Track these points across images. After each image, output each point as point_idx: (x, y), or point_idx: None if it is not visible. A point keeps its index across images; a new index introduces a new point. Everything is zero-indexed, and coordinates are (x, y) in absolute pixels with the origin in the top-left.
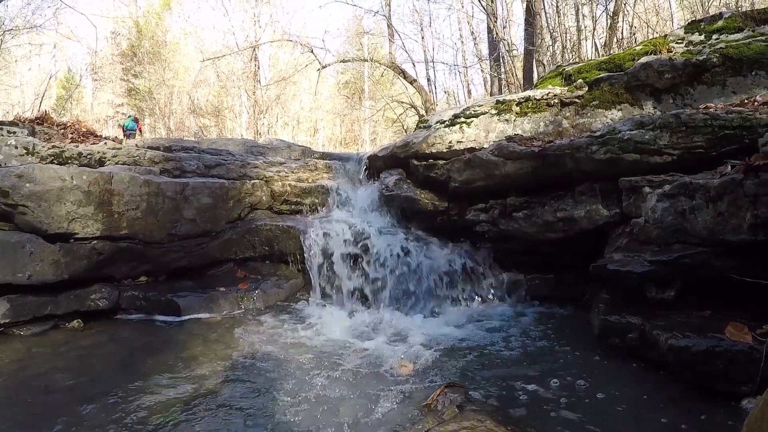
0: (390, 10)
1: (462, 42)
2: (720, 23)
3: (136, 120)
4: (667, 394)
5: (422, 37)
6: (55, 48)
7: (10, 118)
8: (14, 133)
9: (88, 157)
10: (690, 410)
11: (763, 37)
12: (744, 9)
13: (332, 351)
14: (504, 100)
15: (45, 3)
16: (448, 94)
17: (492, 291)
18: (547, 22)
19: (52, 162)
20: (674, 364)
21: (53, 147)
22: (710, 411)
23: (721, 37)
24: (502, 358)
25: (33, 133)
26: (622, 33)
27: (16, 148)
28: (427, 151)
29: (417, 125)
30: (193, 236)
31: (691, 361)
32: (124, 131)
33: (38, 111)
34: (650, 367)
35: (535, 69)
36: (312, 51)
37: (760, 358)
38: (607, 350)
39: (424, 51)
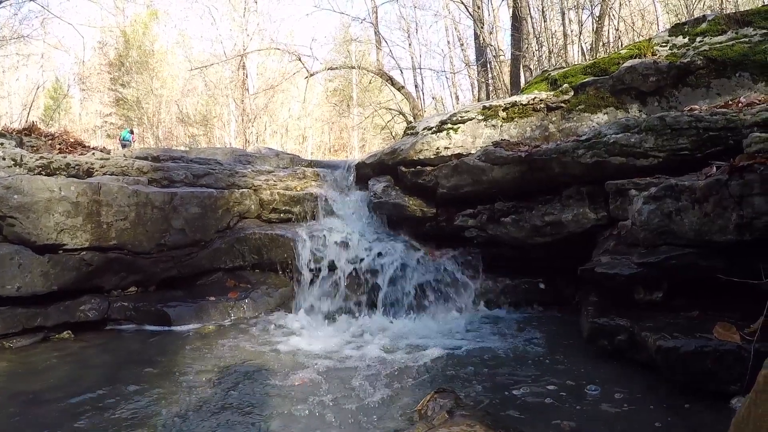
0: (377, 17)
1: (449, 48)
2: (704, 26)
3: (131, 131)
4: (656, 395)
5: (410, 44)
6: (42, 58)
7: None
8: (2, 144)
9: (76, 167)
10: (679, 410)
11: (746, 39)
12: (728, 11)
13: (320, 359)
14: (490, 105)
15: (32, 13)
16: (436, 100)
17: (481, 296)
18: (534, 28)
19: (40, 173)
20: (663, 365)
21: (41, 158)
22: (699, 411)
23: (705, 39)
24: (492, 363)
25: (20, 144)
26: (607, 37)
27: (4, 159)
28: (414, 158)
29: (404, 132)
30: (183, 246)
31: (680, 361)
32: (121, 142)
33: (26, 121)
34: (639, 369)
35: (522, 74)
36: (300, 59)
37: (749, 357)
38: (596, 353)
39: (412, 58)
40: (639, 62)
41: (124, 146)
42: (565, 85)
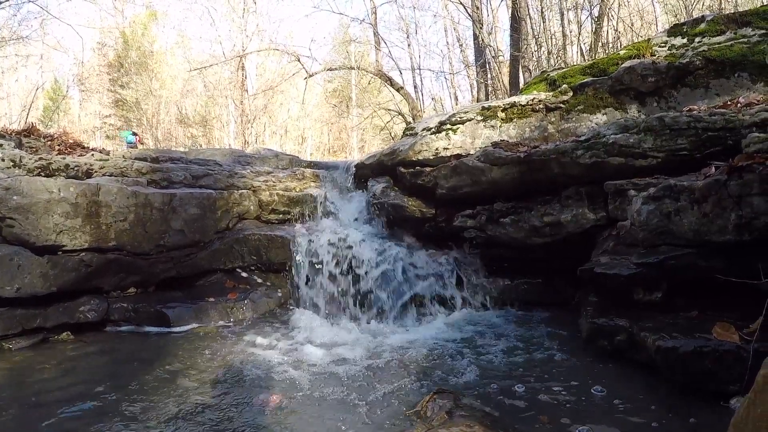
0: (376, 18)
1: (449, 49)
2: (702, 26)
3: (134, 133)
4: (656, 396)
5: (409, 45)
6: (41, 59)
7: None
8: (1, 145)
9: (76, 168)
10: (679, 411)
11: (745, 39)
12: (726, 12)
13: (319, 360)
14: (489, 106)
15: (31, 14)
16: (435, 101)
17: (480, 297)
18: (533, 28)
19: (39, 174)
20: (662, 365)
21: (40, 159)
22: (699, 411)
23: (704, 39)
24: (491, 363)
25: (20, 145)
26: (606, 37)
27: (3, 160)
28: (413, 159)
29: (404, 132)
30: (182, 247)
31: (680, 361)
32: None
33: (25, 123)
34: (639, 369)
35: (521, 74)
36: (299, 59)
37: (748, 357)
38: (595, 353)
39: (411, 58)
40: (638, 63)
41: (128, 148)
42: (564, 85)
